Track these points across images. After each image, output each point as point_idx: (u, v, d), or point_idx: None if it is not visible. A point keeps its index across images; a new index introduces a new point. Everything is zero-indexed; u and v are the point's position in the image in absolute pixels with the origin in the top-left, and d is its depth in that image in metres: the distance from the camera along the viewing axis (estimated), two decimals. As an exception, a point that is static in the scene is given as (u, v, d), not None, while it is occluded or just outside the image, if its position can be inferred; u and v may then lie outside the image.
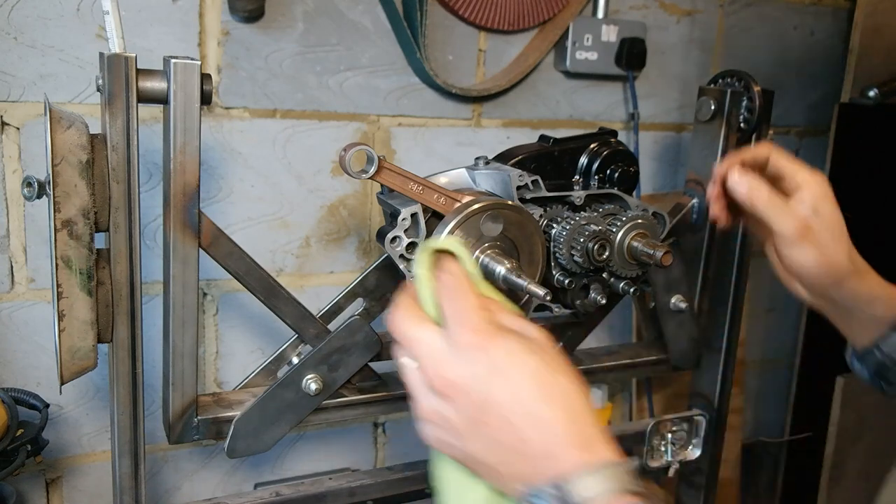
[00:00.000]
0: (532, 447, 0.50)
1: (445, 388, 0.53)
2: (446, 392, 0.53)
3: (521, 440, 0.50)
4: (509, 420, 0.51)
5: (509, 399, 0.51)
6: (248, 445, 0.90)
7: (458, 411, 0.53)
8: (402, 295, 0.61)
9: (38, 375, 1.13)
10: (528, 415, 0.50)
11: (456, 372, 0.53)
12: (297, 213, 1.24)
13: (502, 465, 0.52)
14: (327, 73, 1.21)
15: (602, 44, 1.35)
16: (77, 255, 0.78)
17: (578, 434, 0.50)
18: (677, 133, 1.54)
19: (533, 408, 0.50)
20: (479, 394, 0.52)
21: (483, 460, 0.53)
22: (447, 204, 0.86)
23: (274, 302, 0.91)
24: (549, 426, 0.50)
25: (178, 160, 0.81)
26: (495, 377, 0.51)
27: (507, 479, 0.52)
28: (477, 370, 0.52)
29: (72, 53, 1.05)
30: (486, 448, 0.52)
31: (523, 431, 0.50)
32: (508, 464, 0.51)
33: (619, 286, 0.98)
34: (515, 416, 0.51)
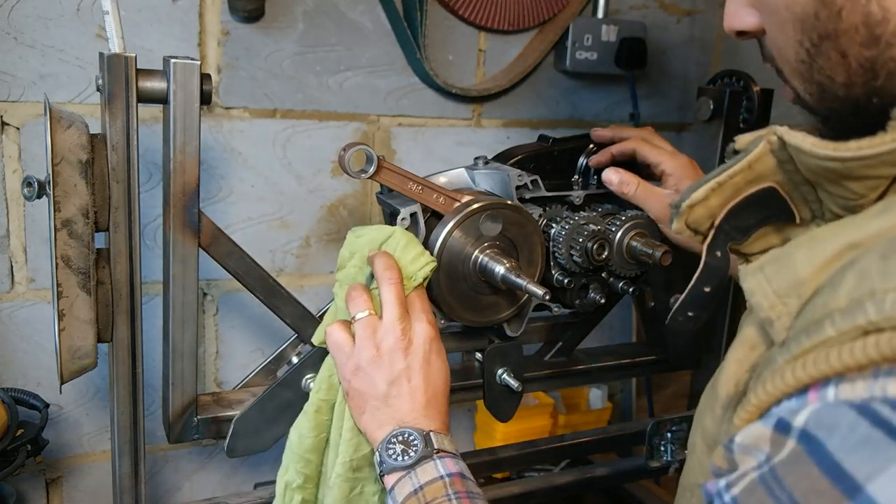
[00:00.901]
0: (410, 402, 0.76)
1: (384, 347, 0.77)
2: (398, 346, 0.76)
3: (410, 394, 0.76)
4: (413, 383, 0.76)
5: (415, 371, 0.77)
6: (247, 445, 0.90)
7: (389, 362, 0.76)
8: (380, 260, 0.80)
9: (38, 375, 1.13)
10: (418, 386, 0.76)
11: (390, 343, 0.77)
12: (297, 213, 1.24)
13: (392, 399, 0.75)
14: (327, 73, 1.21)
15: (602, 44, 1.35)
16: (77, 254, 0.78)
17: (427, 409, 0.76)
18: (677, 133, 1.54)
19: (420, 384, 0.76)
20: (399, 362, 0.76)
21: (375, 394, 0.76)
22: (447, 203, 0.86)
23: (274, 302, 0.91)
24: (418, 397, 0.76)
25: (178, 160, 0.81)
26: (414, 357, 0.77)
27: (385, 413, 0.75)
28: (410, 350, 0.77)
29: (72, 53, 1.05)
30: (384, 386, 0.76)
31: (414, 392, 0.76)
32: (395, 401, 0.75)
33: (619, 286, 0.99)
34: (413, 381, 0.76)
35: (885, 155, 0.47)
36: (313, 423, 0.83)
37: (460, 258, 0.86)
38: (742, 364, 0.52)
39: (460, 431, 1.48)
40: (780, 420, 0.42)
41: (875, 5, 0.49)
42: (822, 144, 0.50)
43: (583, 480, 1.24)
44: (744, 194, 0.56)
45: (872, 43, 0.50)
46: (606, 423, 1.53)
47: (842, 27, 0.51)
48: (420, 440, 0.72)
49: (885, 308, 0.39)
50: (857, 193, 0.51)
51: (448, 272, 0.86)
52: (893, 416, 0.37)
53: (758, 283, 0.50)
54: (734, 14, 0.60)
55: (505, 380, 0.95)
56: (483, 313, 0.91)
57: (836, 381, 0.41)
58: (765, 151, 0.54)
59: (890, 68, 0.50)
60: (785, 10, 0.54)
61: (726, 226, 0.58)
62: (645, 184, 0.94)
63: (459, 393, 1.03)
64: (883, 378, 0.39)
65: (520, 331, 0.95)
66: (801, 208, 0.56)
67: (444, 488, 0.69)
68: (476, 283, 0.88)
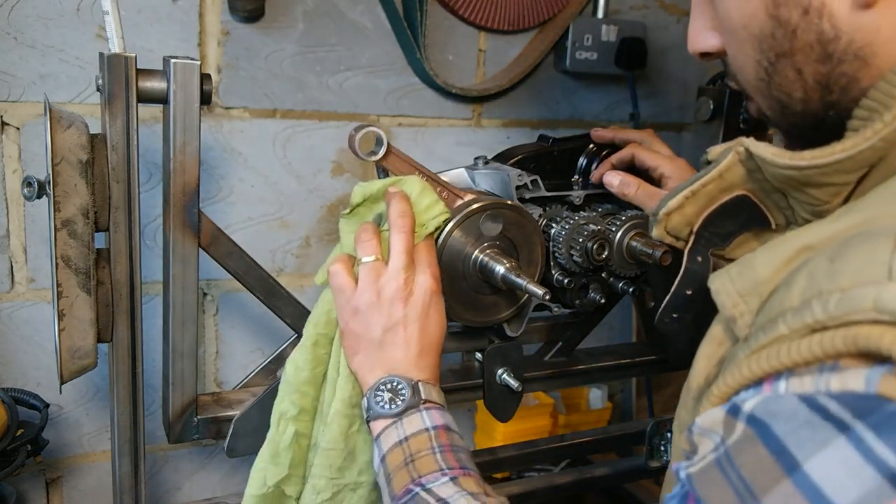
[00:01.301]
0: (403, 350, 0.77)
1: (385, 293, 0.77)
2: (399, 295, 0.77)
3: (405, 342, 0.77)
4: (408, 332, 0.77)
5: (412, 321, 0.77)
6: (247, 445, 0.90)
7: (388, 309, 0.76)
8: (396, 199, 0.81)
9: (38, 375, 1.13)
10: (413, 336, 0.77)
11: (391, 291, 0.77)
12: (297, 213, 1.24)
13: (386, 345, 0.76)
14: (327, 73, 1.21)
15: (602, 44, 1.35)
16: (77, 254, 0.78)
17: (420, 359, 0.77)
18: (677, 133, 1.54)
19: (415, 334, 0.77)
20: (398, 310, 0.77)
21: (370, 338, 0.76)
22: (449, 199, 0.86)
23: (274, 302, 0.91)
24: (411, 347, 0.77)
25: (178, 160, 0.81)
26: (413, 308, 0.78)
27: (378, 358, 0.76)
28: (410, 300, 0.78)
29: (72, 53, 1.05)
30: (380, 332, 0.76)
31: (409, 342, 0.77)
32: (389, 347, 0.76)
33: (619, 286, 0.99)
34: (409, 331, 0.77)
35: (836, 164, 0.51)
36: (310, 356, 0.82)
37: (460, 258, 0.86)
38: (711, 359, 0.55)
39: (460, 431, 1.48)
40: (732, 405, 0.46)
41: (826, 24, 0.53)
42: (780, 154, 0.53)
43: (583, 480, 1.24)
44: (718, 202, 0.60)
45: (825, 60, 0.54)
46: (606, 423, 1.53)
47: (797, 45, 0.54)
48: (408, 389, 0.74)
49: (830, 308, 0.42)
50: (820, 199, 0.54)
51: (448, 272, 0.86)
52: (829, 402, 0.40)
53: (722, 284, 0.52)
54: (697, 36, 0.64)
55: (505, 380, 0.95)
56: (483, 313, 0.91)
57: (786, 374, 0.44)
58: (734, 161, 0.58)
59: (842, 83, 0.54)
60: (743, 31, 0.57)
61: (705, 232, 0.61)
62: (645, 185, 0.95)
63: (459, 393, 1.03)
64: (827, 373, 0.41)
65: (520, 331, 0.95)
66: (775, 214, 0.60)
67: (428, 441, 0.71)
68: (476, 283, 0.88)
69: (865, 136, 0.50)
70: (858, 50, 0.53)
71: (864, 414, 0.39)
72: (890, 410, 0.38)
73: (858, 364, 0.41)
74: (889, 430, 0.37)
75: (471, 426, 1.48)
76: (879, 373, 0.39)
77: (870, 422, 0.38)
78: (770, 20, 0.55)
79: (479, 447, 1.42)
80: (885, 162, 0.51)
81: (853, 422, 0.39)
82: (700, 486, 0.45)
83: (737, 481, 0.43)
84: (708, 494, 0.44)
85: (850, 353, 0.41)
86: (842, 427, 0.39)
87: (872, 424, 0.38)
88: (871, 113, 0.52)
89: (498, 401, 0.97)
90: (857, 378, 0.40)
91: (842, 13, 0.52)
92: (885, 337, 0.39)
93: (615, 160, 1.00)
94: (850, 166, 0.51)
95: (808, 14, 0.53)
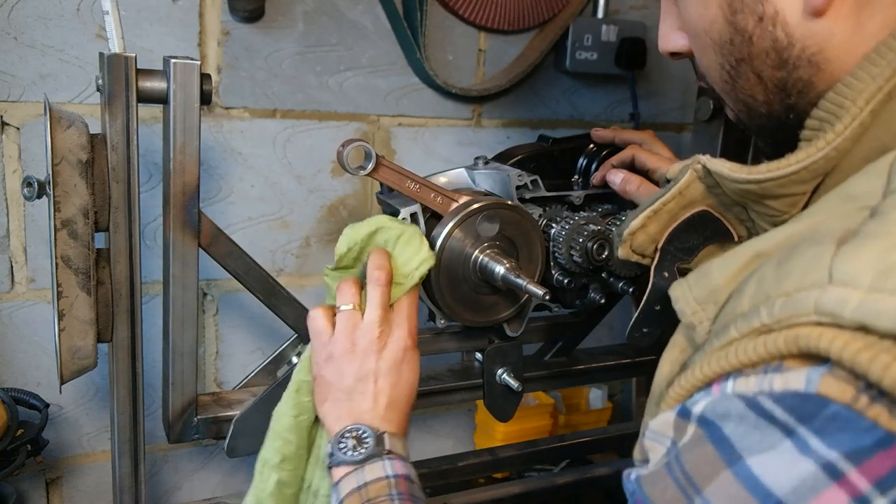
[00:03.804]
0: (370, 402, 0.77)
1: (359, 344, 0.77)
2: (372, 348, 0.77)
3: (373, 394, 0.77)
4: (378, 385, 0.77)
5: (382, 375, 0.77)
6: (247, 445, 0.90)
7: (361, 360, 0.77)
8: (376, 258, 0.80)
9: (38, 375, 1.13)
10: (383, 389, 0.77)
11: (365, 343, 0.77)
12: (297, 213, 1.24)
13: (355, 395, 0.76)
14: (327, 73, 1.21)
15: (602, 44, 1.35)
16: (77, 254, 0.78)
17: (388, 412, 0.77)
18: (677, 133, 1.54)
19: (385, 388, 0.77)
20: (370, 362, 0.77)
21: (341, 386, 0.77)
22: (444, 203, 0.86)
23: (274, 302, 0.91)
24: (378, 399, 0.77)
25: (178, 160, 0.81)
26: (385, 362, 0.77)
27: (345, 407, 0.76)
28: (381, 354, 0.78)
29: (72, 53, 1.05)
30: (351, 381, 0.77)
31: (378, 395, 0.77)
32: (357, 398, 0.76)
33: (619, 286, 0.98)
34: (379, 384, 0.77)
35: (792, 175, 0.53)
36: (292, 403, 0.82)
37: (460, 258, 0.86)
38: (674, 365, 0.56)
39: (460, 431, 1.48)
40: (682, 407, 0.47)
41: (780, 31, 0.55)
42: (737, 168, 0.55)
43: (583, 480, 1.24)
44: (680, 219, 0.62)
45: (782, 65, 0.56)
46: (606, 423, 1.53)
47: (754, 51, 0.57)
48: (372, 438, 0.74)
49: (775, 312, 0.43)
50: (779, 210, 0.56)
51: (448, 273, 0.86)
52: (775, 407, 0.41)
53: (682, 292, 0.54)
54: (666, 36, 0.65)
55: (505, 380, 0.95)
56: (483, 313, 0.91)
57: (734, 375, 0.45)
58: (693, 179, 0.60)
59: (799, 87, 0.56)
60: (705, 35, 0.59)
61: (670, 248, 0.63)
62: (647, 183, 0.95)
63: (459, 393, 1.03)
64: (771, 374, 0.43)
65: (520, 331, 0.95)
66: (737, 227, 0.62)
67: (387, 488, 0.71)
68: (476, 284, 0.88)
69: (818, 146, 0.52)
70: (812, 56, 0.55)
71: (807, 418, 0.40)
72: (830, 412, 0.39)
73: (800, 364, 0.42)
74: (830, 433, 0.39)
75: (471, 426, 1.48)
76: (819, 372, 0.40)
77: (812, 426, 0.39)
78: (728, 27, 0.57)
79: (479, 447, 1.42)
80: (837, 170, 0.53)
81: (797, 426, 0.40)
82: (647, 486, 0.47)
83: (680, 477, 0.44)
84: (653, 492, 0.46)
85: (793, 354, 0.42)
86: (787, 431, 0.40)
87: (815, 429, 0.39)
88: (822, 123, 0.54)
89: (498, 401, 0.97)
90: (798, 378, 0.41)
91: (794, 21, 0.54)
92: (824, 337, 0.40)
93: (615, 161, 1.00)
94: (805, 176, 0.53)
95: (763, 21, 0.55)
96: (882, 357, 0.38)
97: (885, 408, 0.38)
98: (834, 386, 0.39)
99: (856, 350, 0.39)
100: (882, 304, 0.38)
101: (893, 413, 0.38)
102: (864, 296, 0.39)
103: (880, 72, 0.51)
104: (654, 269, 0.64)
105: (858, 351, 0.39)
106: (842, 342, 0.39)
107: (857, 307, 0.39)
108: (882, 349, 0.38)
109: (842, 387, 0.39)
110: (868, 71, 0.52)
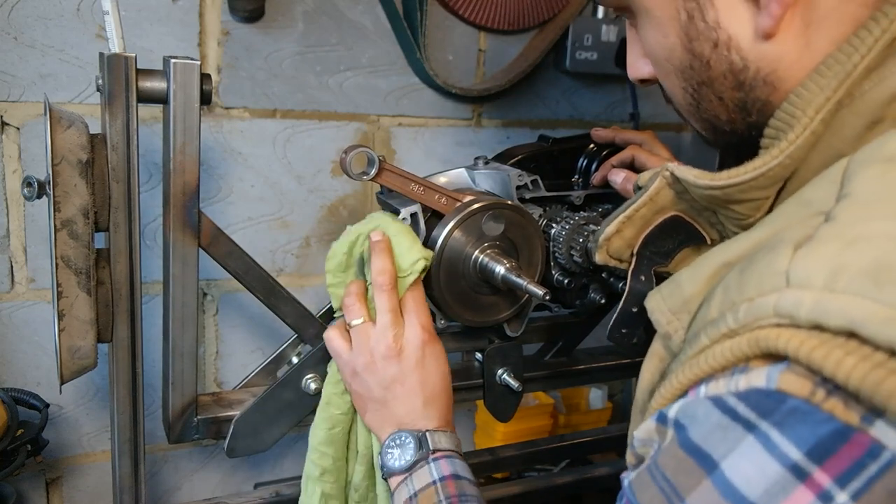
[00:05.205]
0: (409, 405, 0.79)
1: (377, 353, 0.79)
2: (390, 354, 0.78)
3: (409, 396, 0.78)
4: (407, 386, 0.78)
5: (408, 375, 0.79)
6: (247, 445, 0.90)
7: (383, 369, 0.78)
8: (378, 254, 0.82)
9: (38, 375, 1.13)
10: (413, 389, 0.79)
11: (382, 350, 0.79)
12: (297, 213, 1.24)
13: (389, 402, 0.78)
14: (327, 73, 1.21)
15: (602, 44, 1.35)
16: (77, 254, 0.78)
17: (425, 409, 0.79)
18: (677, 133, 1.54)
19: (415, 386, 0.78)
20: (392, 368, 0.78)
21: (373, 398, 0.79)
22: (448, 204, 0.86)
23: (274, 302, 0.91)
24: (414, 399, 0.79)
25: (178, 160, 0.81)
26: (406, 362, 0.79)
27: (385, 415, 0.79)
28: (403, 355, 0.79)
29: (72, 53, 1.05)
30: (380, 391, 0.79)
31: (409, 395, 0.79)
32: (392, 404, 0.78)
33: (619, 286, 0.98)
34: (407, 385, 0.78)
35: (752, 181, 0.55)
36: (324, 416, 0.85)
37: (460, 258, 0.86)
38: (654, 374, 0.58)
39: (460, 431, 1.47)
40: (660, 414, 0.49)
41: (735, 55, 0.57)
42: (701, 175, 0.58)
43: (583, 480, 1.24)
44: (653, 224, 0.64)
45: (739, 87, 0.58)
46: (606, 423, 1.53)
47: (713, 75, 0.59)
48: (414, 443, 0.75)
49: (739, 317, 0.45)
50: (744, 214, 0.58)
51: (448, 272, 0.86)
52: (738, 404, 0.43)
53: (656, 303, 0.56)
54: (633, 65, 0.68)
55: (505, 380, 0.95)
56: (483, 313, 0.91)
57: (706, 381, 0.47)
58: (662, 185, 0.62)
59: (758, 107, 0.59)
60: (666, 63, 0.62)
61: (646, 252, 0.65)
62: None
63: (459, 393, 1.03)
64: (737, 375, 0.45)
65: (520, 331, 0.95)
66: (708, 231, 0.64)
67: (435, 494, 0.73)
68: (476, 284, 0.88)
69: (773, 154, 0.55)
70: (766, 77, 0.57)
71: (767, 413, 0.42)
72: (789, 406, 0.41)
73: (763, 364, 0.44)
74: (790, 426, 0.41)
75: (471, 426, 1.48)
76: (779, 370, 0.42)
77: (773, 420, 0.41)
78: (687, 53, 0.59)
79: (479, 447, 1.42)
80: (797, 176, 0.55)
81: (758, 421, 0.42)
82: (636, 489, 0.48)
83: (662, 482, 0.46)
84: (641, 497, 0.48)
85: (756, 355, 0.44)
86: (749, 427, 0.42)
87: (775, 422, 0.41)
88: (778, 132, 0.56)
89: (498, 401, 0.97)
90: (759, 376, 0.43)
91: (747, 45, 0.57)
92: (782, 337, 0.42)
93: (615, 161, 1.00)
94: (765, 182, 0.55)
95: (718, 47, 0.58)
96: (835, 353, 0.40)
97: (840, 400, 0.40)
98: (793, 382, 0.41)
99: (811, 347, 0.41)
100: (833, 304, 0.40)
101: (848, 405, 0.40)
102: (817, 296, 0.41)
103: (827, 83, 0.53)
104: (630, 274, 0.66)
105: (813, 348, 0.41)
106: (798, 341, 0.41)
107: (812, 307, 0.41)
108: (835, 345, 0.40)
109: (800, 382, 0.41)
110: (816, 82, 0.54)
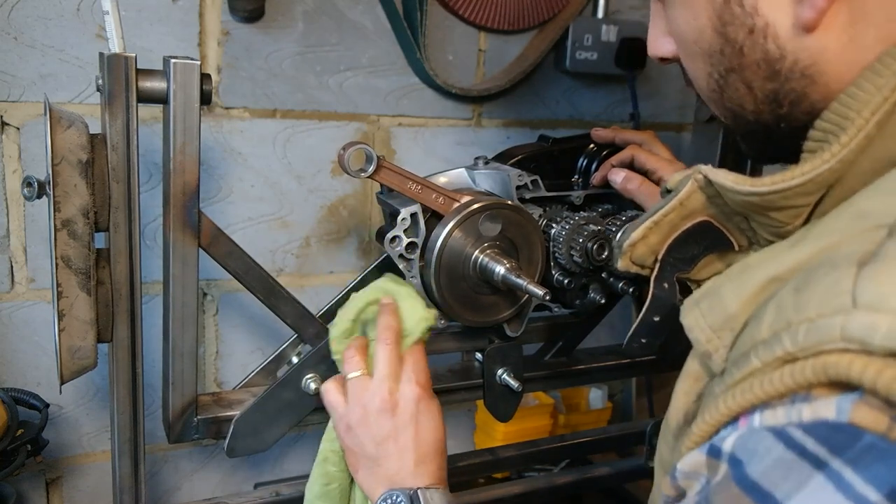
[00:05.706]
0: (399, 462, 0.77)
1: (371, 408, 0.77)
2: (384, 407, 0.77)
3: (398, 454, 0.77)
4: (400, 443, 0.77)
5: (402, 431, 0.77)
6: (247, 445, 0.90)
7: (376, 423, 0.77)
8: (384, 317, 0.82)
9: (38, 375, 1.13)
10: (406, 445, 0.77)
11: (376, 405, 0.78)
12: (297, 213, 1.24)
13: (381, 459, 0.77)
14: (327, 73, 1.21)
15: (602, 44, 1.35)
16: (77, 254, 0.78)
17: (417, 467, 0.77)
18: (677, 133, 1.54)
19: (408, 443, 0.77)
20: (386, 423, 0.77)
21: (366, 454, 0.77)
22: (446, 203, 0.86)
23: (274, 302, 0.91)
24: (406, 455, 0.77)
25: (178, 160, 0.81)
26: (401, 418, 0.78)
27: (377, 474, 0.77)
28: (398, 411, 0.78)
29: (72, 53, 1.05)
30: (373, 447, 0.77)
31: (402, 452, 0.77)
32: (384, 461, 0.77)
33: (619, 286, 0.99)
34: (400, 441, 0.77)
35: (797, 187, 0.52)
36: (320, 472, 0.83)
37: (460, 258, 0.86)
38: (689, 395, 0.55)
39: (460, 431, 1.48)
40: (711, 446, 0.45)
41: (772, 44, 0.54)
42: (741, 180, 0.54)
43: (583, 480, 1.24)
44: (681, 229, 0.61)
45: (773, 77, 0.55)
46: (606, 423, 1.53)
47: (745, 62, 0.56)
48: (406, 502, 0.73)
49: (798, 339, 0.42)
50: (782, 222, 0.55)
51: (448, 272, 0.86)
52: (806, 439, 0.40)
53: (695, 320, 0.53)
54: (654, 42, 0.66)
55: (505, 380, 0.95)
56: (483, 313, 0.91)
57: (761, 408, 0.43)
58: (694, 189, 0.59)
59: (792, 98, 0.56)
60: (693, 45, 0.59)
61: (670, 258, 0.62)
62: (647, 182, 0.95)
63: (459, 393, 1.03)
64: (799, 404, 0.41)
65: (520, 331, 0.96)
66: (737, 237, 0.60)
67: None
68: (476, 284, 0.88)
69: (823, 158, 0.51)
70: (805, 69, 0.54)
71: (840, 449, 0.38)
72: (865, 443, 0.38)
73: (830, 393, 0.40)
74: (866, 464, 0.37)
75: (471, 426, 1.48)
76: (850, 400, 0.39)
77: (847, 457, 0.38)
78: (718, 37, 0.56)
79: (479, 447, 1.42)
80: (842, 182, 0.52)
81: (830, 458, 0.38)
82: None
83: None
84: None
85: (821, 383, 0.41)
86: (818, 465, 0.39)
87: (849, 460, 0.38)
88: (827, 135, 0.53)
89: (498, 401, 0.97)
90: (828, 406, 0.40)
91: (785, 34, 0.53)
92: (855, 365, 0.39)
93: (615, 161, 1.00)
94: (811, 189, 0.52)
95: (754, 34, 0.54)
96: None
97: None
98: (868, 415, 0.38)
99: (890, 378, 0.37)
100: None
101: None
102: (893, 320, 0.38)
103: (885, 82, 0.50)
104: (653, 281, 0.63)
105: (893, 379, 0.37)
106: (874, 370, 0.38)
107: (887, 333, 0.38)
108: None
109: (876, 416, 0.38)
110: (873, 82, 0.51)
